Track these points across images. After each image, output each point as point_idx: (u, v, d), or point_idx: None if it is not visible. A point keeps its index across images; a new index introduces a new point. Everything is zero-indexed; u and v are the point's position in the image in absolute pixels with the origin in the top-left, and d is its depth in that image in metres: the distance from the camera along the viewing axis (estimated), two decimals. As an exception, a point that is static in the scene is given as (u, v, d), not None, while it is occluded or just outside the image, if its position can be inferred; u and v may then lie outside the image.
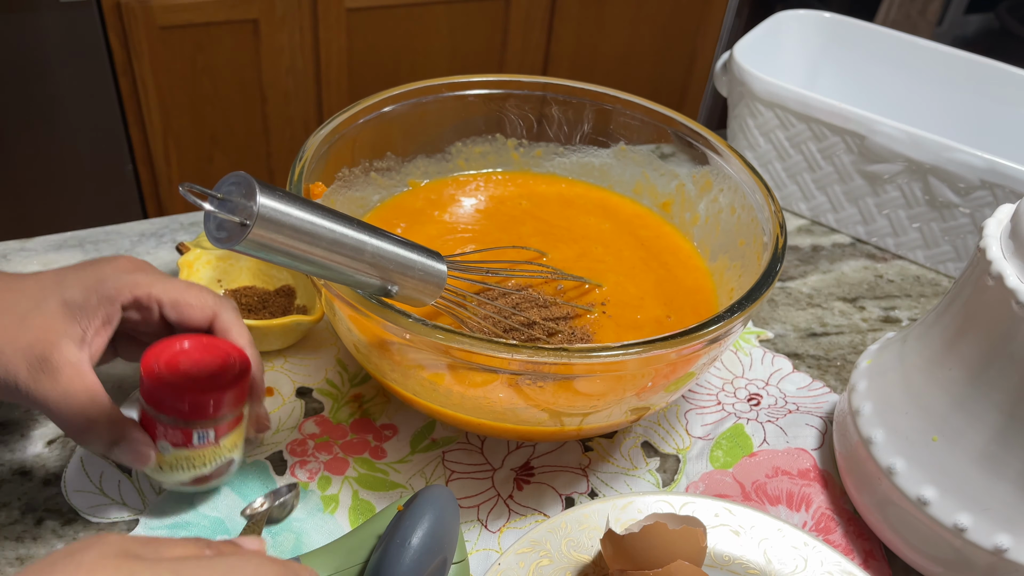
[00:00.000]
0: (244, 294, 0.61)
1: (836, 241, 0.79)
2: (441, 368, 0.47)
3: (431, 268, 0.46)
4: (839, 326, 0.70)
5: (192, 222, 0.72)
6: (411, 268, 0.45)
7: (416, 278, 0.45)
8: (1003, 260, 0.44)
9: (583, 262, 0.61)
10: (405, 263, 0.44)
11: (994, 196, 0.70)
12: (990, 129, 0.81)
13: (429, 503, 0.43)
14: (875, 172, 0.75)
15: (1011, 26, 2.02)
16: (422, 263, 0.45)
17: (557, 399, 0.48)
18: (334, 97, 1.49)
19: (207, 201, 0.35)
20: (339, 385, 0.59)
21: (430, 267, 0.46)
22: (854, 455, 0.53)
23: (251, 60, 1.39)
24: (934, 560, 0.49)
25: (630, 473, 0.56)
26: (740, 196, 0.59)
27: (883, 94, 0.86)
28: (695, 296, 0.60)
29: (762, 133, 0.79)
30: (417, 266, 0.45)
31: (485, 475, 0.55)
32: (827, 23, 0.88)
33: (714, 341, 0.46)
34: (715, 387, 0.63)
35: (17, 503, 0.50)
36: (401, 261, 0.44)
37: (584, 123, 0.66)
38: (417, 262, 0.45)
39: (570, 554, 0.48)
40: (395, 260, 0.43)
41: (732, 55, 0.79)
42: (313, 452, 0.55)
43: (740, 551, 0.49)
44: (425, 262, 0.46)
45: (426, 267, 0.46)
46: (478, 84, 0.64)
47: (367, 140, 0.61)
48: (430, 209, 0.64)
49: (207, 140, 1.45)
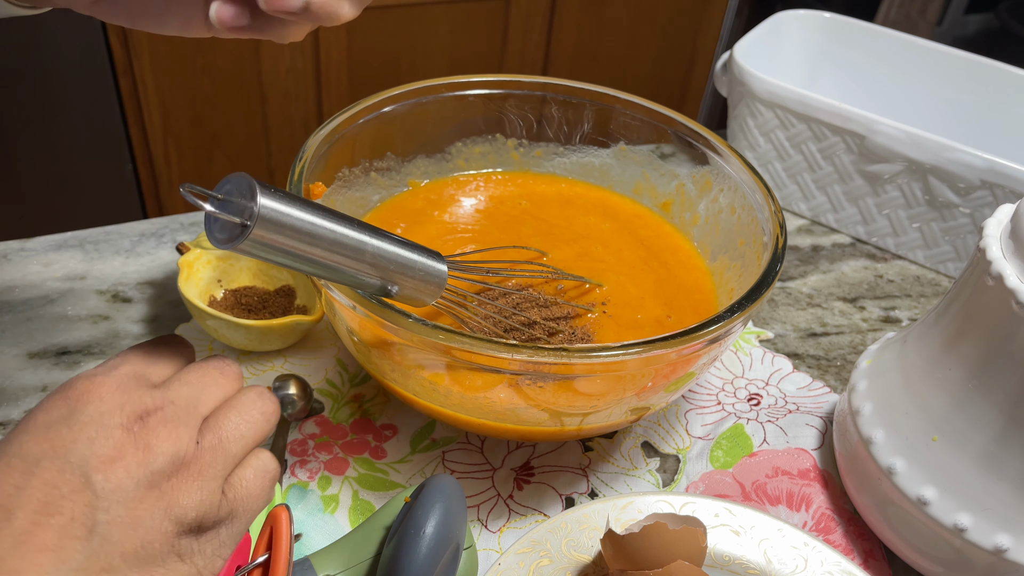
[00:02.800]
0: (244, 294, 0.61)
1: (836, 241, 0.79)
2: (441, 368, 0.47)
3: (432, 268, 0.46)
4: (839, 326, 0.70)
5: (192, 222, 0.72)
6: (412, 268, 0.45)
7: (417, 278, 0.45)
8: (1003, 260, 0.44)
9: (583, 262, 0.61)
10: (406, 263, 0.44)
11: (994, 196, 0.70)
12: (990, 129, 0.81)
13: (439, 492, 0.43)
14: (875, 172, 0.75)
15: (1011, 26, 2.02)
16: (423, 263, 0.45)
17: (557, 399, 0.48)
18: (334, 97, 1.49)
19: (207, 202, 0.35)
20: (339, 385, 0.59)
21: (431, 267, 0.46)
22: (854, 455, 0.53)
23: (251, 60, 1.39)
24: (934, 560, 0.49)
25: (630, 473, 0.56)
26: (740, 196, 0.59)
27: (883, 94, 0.86)
28: (695, 296, 0.60)
29: (762, 133, 0.79)
30: (418, 266, 0.45)
31: (485, 475, 0.55)
32: (827, 23, 0.88)
33: (714, 341, 0.46)
34: (715, 387, 0.63)
35: (17, 503, 0.50)
36: (402, 261, 0.44)
37: (584, 123, 0.66)
38: (418, 262, 0.45)
39: (570, 554, 0.48)
40: (396, 260, 0.43)
41: (732, 55, 0.79)
42: (313, 452, 0.55)
43: (740, 551, 0.49)
44: (426, 262, 0.46)
45: (427, 267, 0.46)
46: (478, 84, 0.64)
47: (367, 140, 0.61)
48: (430, 209, 0.64)
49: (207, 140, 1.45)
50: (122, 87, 1.33)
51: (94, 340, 0.61)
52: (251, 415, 0.36)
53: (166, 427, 0.33)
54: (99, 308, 0.63)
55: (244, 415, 0.36)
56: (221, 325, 0.57)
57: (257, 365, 0.60)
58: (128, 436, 0.32)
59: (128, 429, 0.32)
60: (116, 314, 0.63)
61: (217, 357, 0.38)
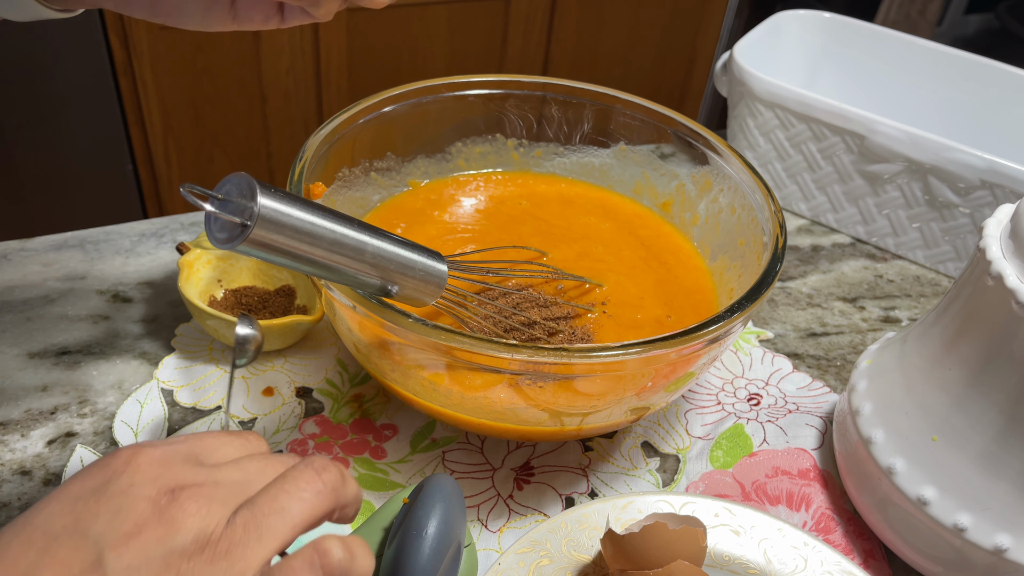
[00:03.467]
0: (244, 294, 0.61)
1: (836, 241, 0.79)
2: (441, 368, 0.47)
3: (432, 268, 0.46)
4: (839, 326, 0.70)
5: (192, 222, 0.72)
6: (412, 268, 0.45)
7: (417, 278, 0.45)
8: (1003, 260, 0.44)
9: (583, 262, 0.61)
10: (406, 263, 0.44)
11: (994, 196, 0.70)
12: (990, 129, 0.81)
13: (438, 492, 0.43)
14: (875, 172, 0.75)
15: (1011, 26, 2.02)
16: (423, 263, 0.45)
17: (557, 399, 0.48)
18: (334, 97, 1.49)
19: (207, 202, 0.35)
20: (339, 385, 0.59)
21: (431, 267, 0.46)
22: (854, 455, 0.53)
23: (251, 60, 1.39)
24: (934, 560, 0.49)
25: (630, 473, 0.56)
26: (740, 196, 0.59)
27: (883, 94, 0.86)
28: (695, 296, 0.60)
29: (762, 133, 0.79)
30: (418, 266, 0.45)
31: (485, 475, 0.55)
32: (827, 23, 0.88)
33: (714, 341, 0.46)
34: (715, 387, 0.63)
35: (17, 503, 0.50)
36: (402, 261, 0.44)
37: (584, 123, 0.66)
38: (418, 262, 0.45)
39: (570, 554, 0.48)
40: (396, 260, 0.43)
41: (732, 55, 0.79)
42: (313, 452, 0.55)
43: (740, 551, 0.49)
44: (426, 262, 0.46)
45: (427, 267, 0.46)
46: (478, 84, 0.64)
47: (367, 140, 0.61)
48: (430, 209, 0.64)
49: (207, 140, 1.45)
50: (122, 87, 1.33)
51: (94, 340, 0.61)
52: (299, 489, 0.31)
53: (197, 502, 0.29)
54: (99, 308, 0.63)
55: (288, 488, 0.30)
56: (221, 325, 0.57)
57: (257, 365, 0.60)
58: (153, 510, 0.28)
59: (155, 502, 0.28)
60: (116, 314, 0.63)
61: (320, 457, 0.32)
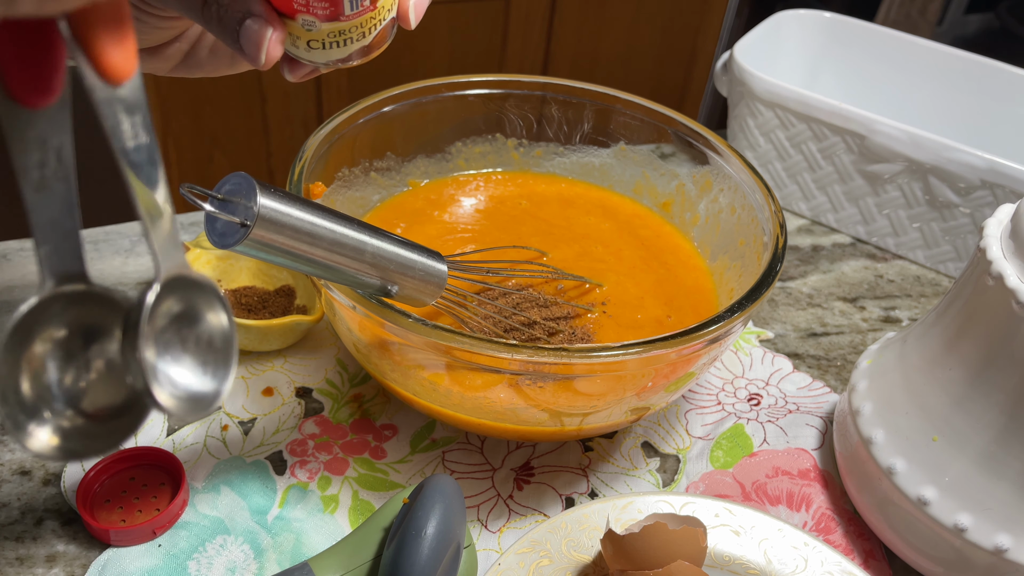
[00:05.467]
0: (244, 294, 0.61)
1: (836, 241, 0.79)
2: (441, 368, 0.47)
3: (432, 268, 0.46)
4: (839, 326, 0.70)
5: (192, 222, 0.72)
6: (412, 268, 0.45)
7: (416, 278, 0.45)
8: (1003, 260, 0.44)
9: (583, 262, 0.61)
10: (405, 263, 0.44)
11: (994, 196, 0.70)
12: (990, 129, 0.81)
13: (438, 492, 0.43)
14: (875, 172, 0.75)
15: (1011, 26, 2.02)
16: (423, 263, 0.45)
17: (557, 399, 0.48)
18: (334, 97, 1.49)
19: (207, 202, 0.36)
20: (339, 385, 0.59)
21: (431, 267, 0.46)
22: (854, 455, 0.53)
23: (251, 60, 1.39)
24: (934, 560, 0.49)
25: (630, 473, 0.56)
26: (740, 196, 0.59)
27: (883, 94, 0.86)
28: (695, 296, 0.60)
29: (762, 133, 0.79)
30: (418, 266, 0.45)
31: (485, 475, 0.55)
32: (827, 23, 0.88)
33: (714, 341, 0.46)
34: (715, 387, 0.63)
35: (17, 503, 0.50)
36: (401, 261, 0.44)
37: (584, 123, 0.66)
38: (418, 262, 0.45)
39: (570, 554, 0.48)
40: (396, 260, 0.43)
41: (732, 55, 0.79)
42: (313, 452, 0.55)
43: (740, 551, 0.49)
44: (426, 262, 0.46)
45: (427, 267, 0.46)
46: (478, 84, 0.64)
47: (367, 140, 0.61)
48: (430, 209, 0.64)
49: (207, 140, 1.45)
50: (122, 87, 1.33)
51: (94, 340, 0.61)
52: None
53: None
54: (99, 308, 0.63)
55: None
56: (221, 325, 0.57)
57: (257, 365, 0.60)
58: None
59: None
60: (116, 314, 0.63)
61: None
